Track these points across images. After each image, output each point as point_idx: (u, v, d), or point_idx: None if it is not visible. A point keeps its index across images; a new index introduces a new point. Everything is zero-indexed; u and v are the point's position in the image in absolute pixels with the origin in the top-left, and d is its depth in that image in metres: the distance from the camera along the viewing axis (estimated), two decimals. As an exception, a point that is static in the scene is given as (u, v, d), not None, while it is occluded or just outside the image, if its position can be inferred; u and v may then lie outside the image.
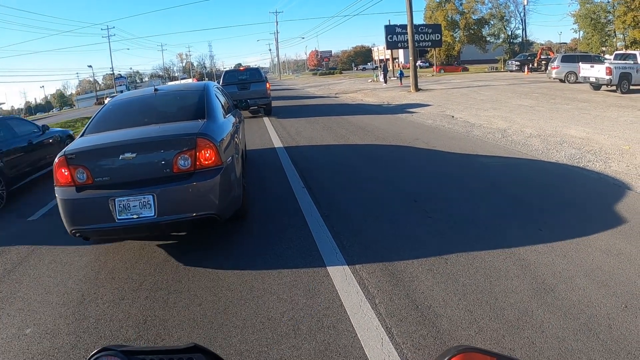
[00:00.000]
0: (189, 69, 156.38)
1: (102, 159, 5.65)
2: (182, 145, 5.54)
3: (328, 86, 50.66)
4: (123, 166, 5.51)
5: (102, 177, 5.52)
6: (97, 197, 5.41)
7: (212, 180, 5.51)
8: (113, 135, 6.11)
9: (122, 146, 5.56)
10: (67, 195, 5.50)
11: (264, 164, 10.89)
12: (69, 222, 5.54)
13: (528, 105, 19.77)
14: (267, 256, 5.55)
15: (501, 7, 70.02)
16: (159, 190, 5.36)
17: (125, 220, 5.32)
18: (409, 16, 31.01)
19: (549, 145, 10.87)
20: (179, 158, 5.50)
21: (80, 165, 5.51)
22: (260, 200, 7.89)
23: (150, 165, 5.56)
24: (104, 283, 5.31)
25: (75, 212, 5.51)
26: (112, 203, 5.32)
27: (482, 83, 36.60)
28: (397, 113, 20.02)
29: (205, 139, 5.60)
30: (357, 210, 6.96)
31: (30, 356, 4.00)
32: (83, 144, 5.97)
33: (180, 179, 5.48)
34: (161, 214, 5.32)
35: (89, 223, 5.50)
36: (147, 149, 5.62)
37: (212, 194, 5.53)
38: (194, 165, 5.52)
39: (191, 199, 5.46)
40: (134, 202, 5.32)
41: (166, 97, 7.90)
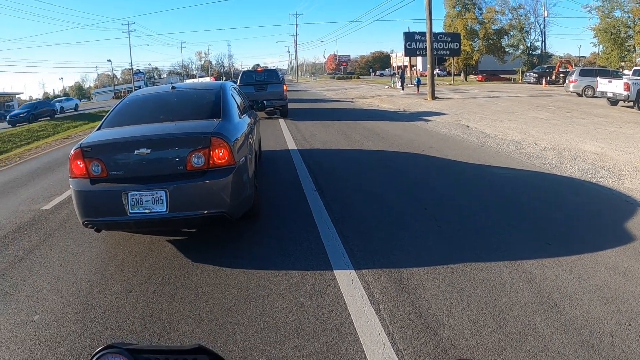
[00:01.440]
0: (208, 67, 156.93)
1: (118, 153, 5.76)
2: (197, 144, 5.63)
3: (345, 90, 50.69)
4: (137, 161, 5.62)
5: (116, 171, 5.63)
6: (111, 190, 5.52)
7: (224, 179, 5.60)
8: (129, 130, 6.24)
9: (138, 141, 5.69)
10: (82, 187, 5.62)
11: (277, 165, 10.95)
12: (82, 213, 5.66)
13: (544, 118, 19.67)
14: (275, 256, 5.61)
15: (521, 18, 69.75)
16: (172, 186, 5.46)
17: (137, 214, 5.43)
18: (428, 24, 31.00)
19: (563, 159, 10.83)
20: (192, 156, 5.59)
21: (96, 158, 5.62)
22: (272, 200, 7.95)
23: (164, 162, 5.69)
24: (113, 275, 5.39)
25: (89, 204, 5.63)
26: (125, 197, 5.42)
27: (499, 94, 36.46)
28: (412, 120, 20.03)
29: (219, 138, 5.69)
30: (367, 215, 7.00)
31: (37, 342, 4.07)
32: (99, 138, 6.10)
33: (193, 176, 5.57)
34: (173, 209, 5.43)
35: (101, 215, 5.62)
36: (162, 145, 5.74)
37: (224, 193, 5.61)
38: (207, 164, 5.61)
39: (203, 196, 5.56)
40: (147, 197, 5.43)
41: (183, 95, 7.97)
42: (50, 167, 13.71)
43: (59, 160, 14.67)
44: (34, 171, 13.15)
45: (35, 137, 24.06)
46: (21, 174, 12.94)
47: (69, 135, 24.71)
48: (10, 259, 6.19)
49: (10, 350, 4.00)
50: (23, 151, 19.31)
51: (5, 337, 4.22)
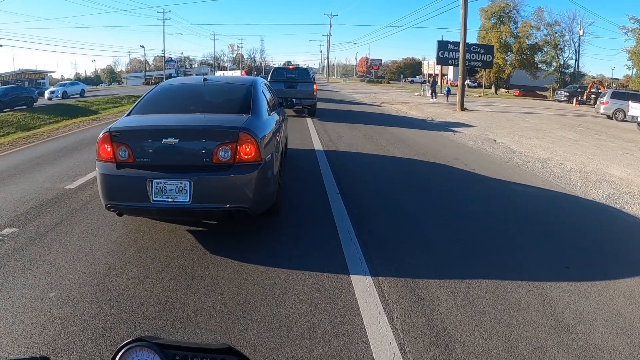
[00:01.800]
0: (239, 60, 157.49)
1: (145, 140, 5.84)
2: (225, 138, 5.68)
3: (374, 94, 50.59)
4: (164, 150, 5.70)
5: (142, 158, 5.72)
6: (136, 176, 5.60)
7: (249, 174, 5.64)
8: (158, 119, 6.42)
9: (166, 130, 5.77)
10: (107, 171, 5.72)
11: (302, 165, 11.01)
12: (106, 196, 5.77)
13: (572, 138, 19.53)
14: (293, 256, 5.65)
15: (556, 35, 69.11)
16: (197, 177, 5.53)
17: (160, 202, 5.52)
18: (463, 34, 30.90)
19: (588, 182, 10.75)
20: (219, 149, 5.64)
21: (123, 144, 5.71)
22: (294, 200, 7.99)
23: (190, 153, 5.76)
24: (131, 259, 5.48)
25: (113, 188, 5.73)
26: (150, 184, 5.51)
27: (529, 110, 36.18)
28: (439, 130, 20.01)
29: (247, 134, 5.72)
30: (387, 223, 7.02)
31: (51, 319, 4.16)
32: (129, 124, 6.18)
33: (218, 169, 5.63)
34: (195, 201, 5.51)
35: (124, 200, 5.73)
36: (190, 136, 5.82)
37: (248, 188, 5.66)
38: (233, 158, 5.65)
39: (226, 190, 5.64)
40: (171, 186, 5.50)
41: (214, 87, 8.08)
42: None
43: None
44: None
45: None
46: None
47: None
48: (31, 234, 6.31)
49: (24, 324, 4.08)
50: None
51: (20, 311, 4.31)
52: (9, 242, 6.03)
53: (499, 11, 67.60)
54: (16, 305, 4.40)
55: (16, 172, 10.14)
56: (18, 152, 13.13)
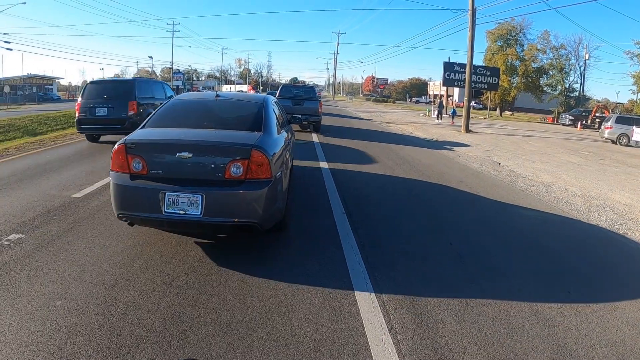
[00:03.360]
0: (246, 75, 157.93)
1: (160, 153, 5.99)
2: (237, 154, 5.83)
3: (380, 114, 50.88)
4: (178, 163, 5.83)
5: (156, 170, 5.87)
6: (149, 187, 5.75)
7: (260, 191, 5.79)
8: (173, 133, 6.54)
9: (181, 145, 5.89)
10: (121, 181, 5.86)
11: (308, 183, 11.03)
12: (119, 206, 5.89)
13: (576, 162, 19.61)
14: (300, 273, 5.66)
15: (562, 59, 69.28)
16: (209, 191, 5.66)
17: (171, 214, 5.64)
18: (469, 56, 31.04)
19: (591, 207, 10.79)
20: (232, 165, 5.80)
21: (138, 155, 5.88)
22: (301, 218, 8.01)
23: (203, 167, 5.87)
24: (138, 272, 5.50)
25: (126, 198, 5.86)
26: (163, 196, 5.64)
27: (533, 133, 36.37)
28: (443, 151, 20.13)
29: (259, 151, 5.89)
30: (393, 244, 7.03)
31: (57, 328, 4.16)
32: (144, 136, 6.35)
33: (230, 184, 5.78)
34: (207, 214, 5.62)
35: (137, 210, 5.85)
36: (204, 151, 5.92)
37: (257, 204, 5.79)
38: (245, 174, 5.81)
39: (237, 205, 5.76)
40: (183, 198, 5.63)
41: (226, 104, 8.23)
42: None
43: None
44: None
45: None
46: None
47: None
48: (38, 241, 6.34)
49: (29, 332, 4.09)
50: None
51: (26, 318, 4.32)
52: (15, 248, 6.06)
53: (505, 34, 67.75)
54: (22, 312, 4.42)
55: (23, 178, 10.18)
56: (25, 158, 13.15)
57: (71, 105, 40.38)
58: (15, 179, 10.13)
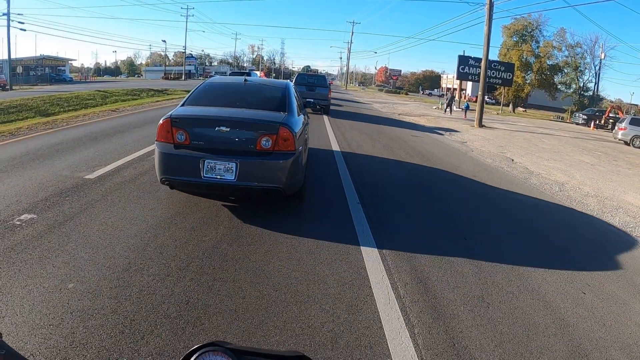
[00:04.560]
0: (259, 61, 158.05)
1: (201, 126, 7.00)
2: (268, 130, 6.84)
3: (393, 105, 50.78)
4: (217, 136, 6.80)
5: (197, 141, 6.82)
6: (191, 155, 6.70)
7: (285, 161, 6.79)
8: (212, 110, 7.53)
9: (220, 120, 6.91)
10: (166, 150, 6.81)
11: (322, 169, 11.01)
12: (163, 171, 6.85)
13: (589, 162, 19.53)
14: (316, 262, 5.65)
15: (577, 57, 68.76)
16: (242, 160, 6.63)
17: (209, 178, 6.61)
18: (485, 50, 30.87)
19: (605, 208, 10.73)
20: (262, 139, 6.79)
21: (182, 128, 6.82)
22: (319, 208, 8.06)
23: (238, 140, 6.84)
24: (152, 256, 5.46)
25: (170, 164, 6.80)
26: (202, 163, 6.60)
27: (546, 131, 36.23)
28: (457, 146, 20.05)
29: (286, 128, 6.91)
30: (408, 236, 7.01)
31: (70, 311, 4.11)
32: (186, 112, 7.30)
33: (260, 155, 6.78)
34: (239, 179, 6.62)
35: (179, 175, 6.79)
36: (239, 126, 6.91)
37: (282, 172, 6.79)
38: (273, 147, 6.81)
39: (266, 172, 6.76)
40: (220, 165, 6.60)
41: (254, 87, 9.22)
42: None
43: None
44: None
45: None
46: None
47: None
48: (50, 222, 6.28)
49: (41, 314, 4.04)
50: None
51: (38, 300, 4.26)
52: (27, 228, 6.01)
53: (521, 29, 67.28)
54: (33, 294, 4.36)
55: (35, 158, 10.11)
56: (37, 138, 13.09)
57: (84, 87, 40.35)
58: (28, 158, 10.08)
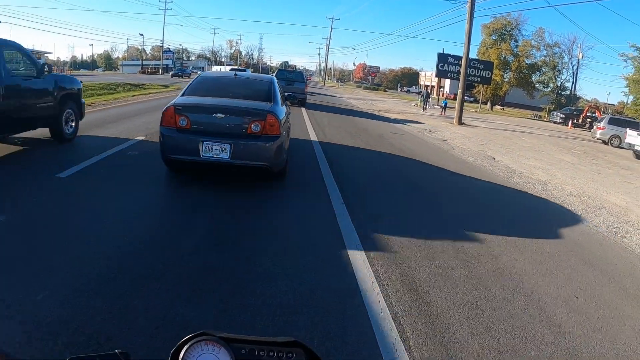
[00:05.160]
0: (237, 57, 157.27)
1: (200, 113, 8.34)
2: (257, 117, 8.20)
3: (371, 102, 50.69)
4: (213, 121, 8.13)
5: (197, 126, 8.09)
6: (192, 138, 7.95)
7: (272, 143, 8.13)
8: (209, 99, 8.83)
9: (217, 107, 8.31)
10: (170, 133, 8.05)
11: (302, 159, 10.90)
12: (167, 151, 8.17)
13: (569, 161, 19.64)
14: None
15: (555, 57, 69.31)
16: (235, 142, 7.91)
17: (207, 157, 7.87)
18: (466, 48, 31.03)
19: (588, 208, 10.73)
20: (252, 124, 8.14)
21: (184, 115, 8.07)
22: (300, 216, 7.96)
23: (232, 125, 8.18)
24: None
25: (173, 146, 8.08)
26: (201, 144, 7.84)
27: (525, 129, 36.44)
28: (438, 144, 20.03)
29: (272, 115, 8.32)
30: (395, 239, 6.79)
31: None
32: (187, 101, 8.71)
33: (251, 137, 8.12)
34: (233, 158, 7.91)
35: (181, 154, 8.12)
36: (233, 113, 8.28)
37: (269, 152, 8.14)
38: (261, 131, 8.14)
39: (255, 152, 8.10)
40: (216, 146, 7.85)
41: (243, 81, 10.60)
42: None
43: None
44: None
45: None
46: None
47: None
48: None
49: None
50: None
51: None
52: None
53: (500, 28, 67.64)
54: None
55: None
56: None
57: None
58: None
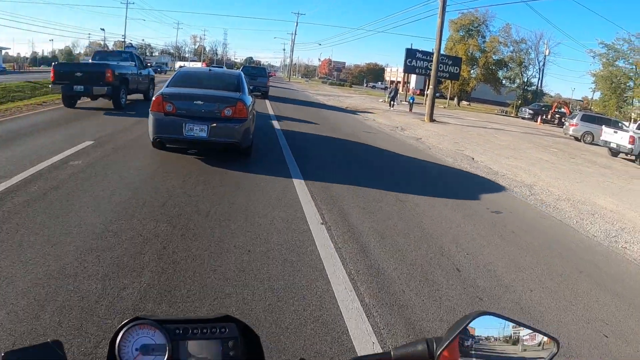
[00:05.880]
0: (201, 52, 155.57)
1: (184, 100, 9.92)
2: (229, 103, 9.96)
3: (338, 98, 49.96)
4: (194, 107, 9.79)
5: (181, 110, 9.68)
6: (176, 120, 9.56)
7: (241, 124, 9.88)
8: (191, 90, 10.46)
9: (197, 96, 9.99)
10: (159, 117, 9.64)
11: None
12: (156, 131, 9.72)
13: (548, 160, 19.16)
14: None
15: (522, 53, 69.29)
16: (211, 123, 9.53)
17: (189, 135, 9.52)
18: (438, 44, 30.53)
19: (581, 214, 10.09)
20: (225, 109, 9.84)
21: (170, 102, 9.70)
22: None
23: (209, 110, 9.84)
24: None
25: (162, 127, 9.69)
26: (184, 125, 9.46)
27: (496, 126, 36.07)
28: (413, 143, 19.23)
29: (241, 102, 10.13)
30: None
31: None
32: (173, 91, 10.34)
33: (224, 120, 9.77)
34: (210, 136, 9.55)
35: (167, 133, 9.75)
36: (210, 100, 10.00)
37: (239, 132, 9.86)
38: (232, 115, 9.83)
39: (228, 131, 9.78)
40: (196, 127, 9.50)
41: (216, 75, 12.90)
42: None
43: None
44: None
45: None
46: None
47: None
48: None
49: None
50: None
51: None
52: None
53: (468, 24, 67.33)
54: None
55: None
56: None
57: (16, 77, 37.98)
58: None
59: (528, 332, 1.18)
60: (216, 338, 1.17)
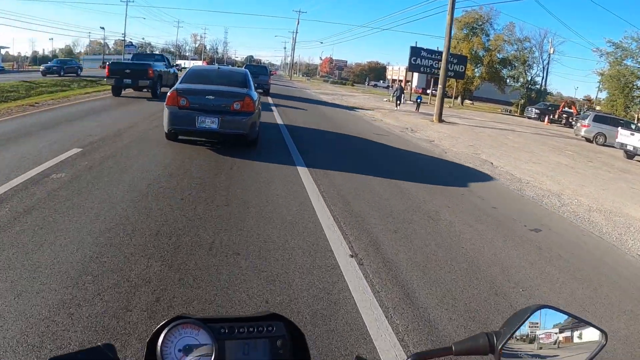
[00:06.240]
0: (202, 51, 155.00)
1: (196, 95, 10.83)
2: (238, 98, 10.92)
3: (341, 97, 49.25)
4: (206, 101, 10.71)
5: (194, 104, 10.59)
6: (190, 113, 10.48)
7: (249, 117, 10.88)
8: (202, 85, 11.46)
9: (209, 91, 10.99)
10: (174, 111, 10.62)
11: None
12: (171, 124, 10.78)
13: (567, 164, 18.48)
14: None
15: (525, 51, 68.51)
16: (221, 116, 10.48)
17: (201, 127, 10.43)
18: (447, 42, 29.89)
19: (617, 228, 9.39)
20: (234, 103, 10.79)
21: (184, 96, 10.66)
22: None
23: (219, 104, 10.71)
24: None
25: (176, 119, 10.70)
26: (197, 118, 10.39)
27: (505, 126, 35.43)
28: (427, 146, 18.42)
29: (249, 96, 11.12)
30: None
31: None
32: (186, 86, 11.33)
33: (233, 113, 10.74)
34: (221, 127, 10.51)
35: (182, 125, 10.78)
36: (221, 95, 10.91)
37: (247, 124, 10.84)
38: (241, 108, 10.77)
39: (237, 124, 10.78)
40: (208, 119, 10.41)
41: (225, 72, 14.01)
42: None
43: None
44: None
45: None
46: None
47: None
48: None
49: None
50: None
51: None
52: None
53: (472, 22, 66.64)
54: None
55: None
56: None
57: (13, 76, 37.21)
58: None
59: (581, 324, 1.19)
60: (264, 337, 1.13)
